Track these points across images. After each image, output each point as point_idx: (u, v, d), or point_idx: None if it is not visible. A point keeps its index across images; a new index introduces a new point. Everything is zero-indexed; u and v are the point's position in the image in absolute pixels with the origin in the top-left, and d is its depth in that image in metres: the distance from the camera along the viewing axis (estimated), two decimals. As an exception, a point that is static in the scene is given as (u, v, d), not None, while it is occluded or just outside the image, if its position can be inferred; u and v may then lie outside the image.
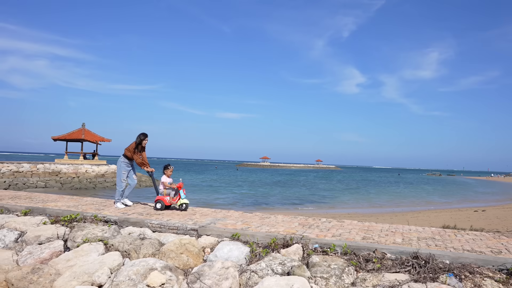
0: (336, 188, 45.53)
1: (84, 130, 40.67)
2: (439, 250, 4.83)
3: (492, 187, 65.25)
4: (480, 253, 4.78)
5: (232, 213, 7.37)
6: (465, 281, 4.20)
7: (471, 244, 5.25)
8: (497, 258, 4.57)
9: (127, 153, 7.58)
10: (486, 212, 23.25)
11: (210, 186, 40.49)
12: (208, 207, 8.18)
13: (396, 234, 5.73)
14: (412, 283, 4.07)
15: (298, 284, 4.07)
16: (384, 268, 4.55)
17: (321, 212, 22.49)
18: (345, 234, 5.58)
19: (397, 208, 26.70)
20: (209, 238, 5.61)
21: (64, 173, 35.60)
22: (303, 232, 5.61)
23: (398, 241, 5.27)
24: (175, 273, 4.61)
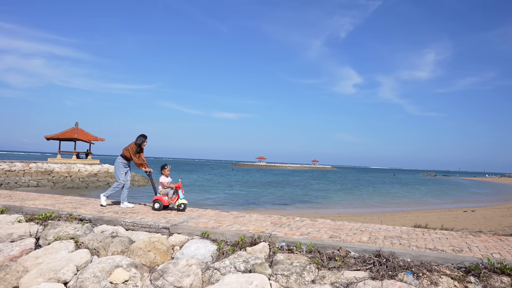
0: (329, 189, 45.64)
1: (77, 129, 40.60)
2: (401, 249, 4.92)
3: (486, 187, 65.59)
4: (442, 251, 4.87)
5: (208, 212, 7.44)
6: (422, 279, 4.29)
7: (435, 242, 5.34)
8: (456, 256, 4.66)
9: (126, 153, 7.59)
10: (475, 212, 23.41)
11: (202, 186, 40.51)
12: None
13: (364, 233, 5.81)
14: (369, 280, 4.15)
15: (258, 281, 4.14)
16: (346, 266, 4.63)
17: (311, 212, 22.57)
18: (314, 233, 5.66)
19: (388, 208, 26.83)
20: (180, 236, 5.68)
21: (57, 172, 35.55)
22: (273, 231, 5.69)
23: (364, 239, 5.36)
24: (140, 270, 4.67)
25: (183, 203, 7.26)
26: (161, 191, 7.37)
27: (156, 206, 7.25)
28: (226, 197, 28.65)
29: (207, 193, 30.94)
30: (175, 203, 7.30)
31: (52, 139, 39.80)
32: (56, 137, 39.54)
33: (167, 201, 7.27)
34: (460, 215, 20.80)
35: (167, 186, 7.36)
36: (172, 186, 7.36)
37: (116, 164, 7.68)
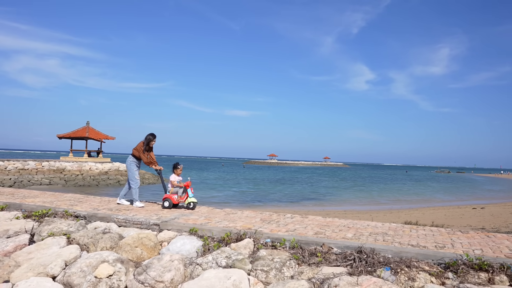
0: (339, 186, 45.46)
1: (89, 128, 41.24)
2: (383, 245, 4.96)
3: (500, 184, 64.47)
4: (424, 247, 4.89)
5: (201, 209, 7.56)
6: (400, 274, 4.32)
7: (420, 239, 5.36)
8: (437, 252, 4.68)
9: (135, 152, 7.67)
10: (485, 209, 23.11)
11: (211, 183, 40.77)
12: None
13: (351, 229, 5.85)
14: (345, 276, 4.20)
15: (236, 277, 4.23)
16: (326, 262, 4.68)
17: (317, 209, 22.58)
18: (300, 230, 5.73)
19: (396, 205, 26.64)
20: (169, 232, 5.80)
21: (68, 171, 36.22)
22: (260, 227, 5.77)
23: (348, 236, 5.40)
24: (126, 265, 4.80)
25: (193, 202, 7.25)
26: (171, 189, 7.42)
27: (165, 204, 7.30)
28: (233, 194, 28.81)
29: (214, 191, 31.16)
30: (185, 202, 7.31)
31: (64, 138, 40.59)
32: (68, 136, 40.27)
33: (176, 200, 7.31)
34: (467, 212, 20.55)
35: (176, 185, 7.40)
36: (181, 185, 7.39)
37: (128, 163, 7.76)
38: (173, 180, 7.43)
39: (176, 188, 7.42)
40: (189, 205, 7.26)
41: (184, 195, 7.35)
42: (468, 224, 13.51)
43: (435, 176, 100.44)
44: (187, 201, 7.27)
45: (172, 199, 7.27)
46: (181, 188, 7.40)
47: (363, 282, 4.02)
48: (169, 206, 7.27)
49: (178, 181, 7.45)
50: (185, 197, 7.31)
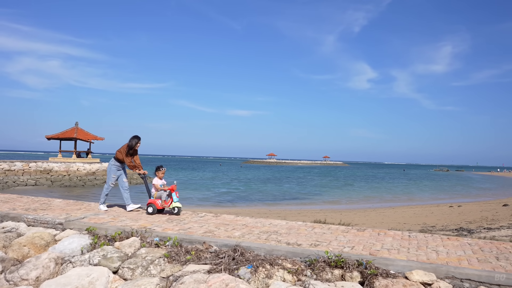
0: (328, 185, 45.52)
1: (77, 129, 41.44)
2: (259, 243, 5.06)
3: (494, 182, 64.38)
4: (297, 246, 4.98)
5: (115, 208, 7.66)
6: (260, 272, 4.42)
7: (304, 237, 5.45)
8: (304, 250, 4.77)
9: (119, 155, 7.42)
10: (461, 207, 23.17)
11: (198, 184, 40.87)
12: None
13: (245, 228, 5.95)
14: (199, 273, 4.30)
15: (96, 274, 4.34)
16: (198, 260, 4.78)
17: (293, 208, 22.67)
18: (195, 228, 5.83)
19: (377, 204, 26.69)
20: (70, 231, 5.92)
21: (56, 171, 36.45)
22: (155, 226, 5.88)
23: (235, 234, 5.50)
24: (7, 264, 4.92)
25: (177, 207, 6.95)
26: (155, 194, 7.14)
27: (149, 210, 7.01)
28: (213, 195, 28.81)
29: (197, 191, 31.26)
30: (169, 206, 7.02)
31: (52, 139, 40.81)
32: (56, 137, 40.48)
33: (160, 205, 7.02)
34: (439, 210, 20.59)
35: (160, 188, 7.12)
36: (165, 188, 7.11)
37: (109, 167, 7.55)
38: (156, 183, 7.17)
39: (160, 192, 7.12)
40: (174, 210, 6.96)
41: (168, 200, 7.05)
42: (418, 223, 13.58)
43: (433, 174, 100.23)
44: (171, 205, 6.98)
45: (156, 204, 7.00)
46: (166, 192, 7.10)
47: (210, 280, 4.12)
48: (153, 211, 6.98)
49: (161, 184, 7.18)
50: (170, 201, 7.01)
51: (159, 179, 7.24)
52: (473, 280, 4.02)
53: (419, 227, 12.16)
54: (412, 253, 4.69)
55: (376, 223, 13.75)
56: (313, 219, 15.48)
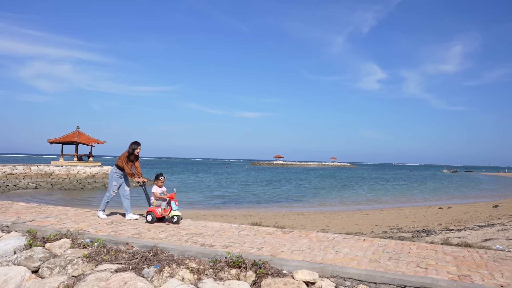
0: (327, 187, 45.58)
1: (79, 132, 42.27)
2: (173, 244, 5.38)
3: (499, 183, 63.64)
4: (211, 247, 5.29)
5: (71, 211, 8.04)
6: (164, 271, 4.73)
7: (225, 239, 5.75)
8: (212, 251, 5.08)
9: (119, 163, 7.30)
10: (451, 209, 23.15)
11: (195, 186, 41.23)
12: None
13: (176, 229, 6.29)
14: (104, 272, 4.63)
15: (13, 273, 4.70)
16: (115, 260, 5.11)
17: (282, 210, 22.91)
18: (127, 230, 6.17)
19: (368, 206, 26.73)
20: (14, 233, 6.30)
21: (56, 175, 37.24)
22: (91, 228, 6.24)
23: (161, 236, 5.83)
24: None
25: (176, 215, 6.81)
26: (154, 202, 7.05)
27: (148, 218, 6.88)
28: (203, 199, 29.08)
29: (189, 195, 31.54)
30: (169, 215, 6.90)
31: (54, 143, 41.71)
32: (58, 141, 41.35)
33: (160, 213, 6.89)
34: (425, 212, 20.64)
35: (159, 197, 7.02)
36: (164, 197, 7.02)
37: (110, 175, 7.43)
38: (155, 192, 7.08)
39: (159, 200, 7.03)
40: (173, 218, 6.83)
41: (168, 208, 6.93)
42: (389, 225, 13.72)
43: (440, 175, 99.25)
44: (171, 214, 6.86)
45: (155, 212, 6.86)
46: (165, 201, 7.00)
47: (112, 278, 4.45)
48: (152, 220, 6.84)
49: (160, 192, 7.08)
50: (169, 210, 6.90)
51: (158, 187, 7.15)
52: (354, 278, 4.28)
53: (384, 229, 12.33)
54: (314, 254, 4.95)
55: (349, 225, 13.94)
56: (293, 221, 15.75)
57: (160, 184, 7.19)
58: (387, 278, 4.15)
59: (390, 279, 4.14)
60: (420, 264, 4.54)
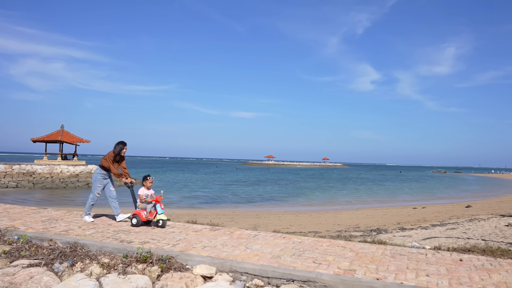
0: (311, 187, 45.93)
1: (63, 131, 42.14)
2: (93, 240, 5.54)
3: (481, 184, 64.54)
4: (129, 243, 5.47)
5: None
6: (76, 266, 4.90)
7: (150, 236, 5.93)
8: (126, 247, 5.25)
9: (104, 163, 7.05)
10: (425, 209, 23.54)
11: (178, 186, 41.30)
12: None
13: (110, 226, 6.46)
14: (12, 267, 4.78)
15: None
16: (34, 255, 5.28)
17: (257, 210, 23.13)
18: (58, 227, 6.33)
19: (344, 206, 27.05)
20: None
21: (39, 174, 37.13)
22: (23, 226, 6.39)
23: (87, 233, 5.99)
24: None
25: (162, 219, 6.56)
26: (140, 204, 6.80)
27: (133, 222, 6.65)
28: (185, 197, 29.25)
29: (172, 193, 31.71)
30: (154, 219, 6.67)
31: (38, 142, 41.54)
32: (41, 140, 41.18)
33: (145, 217, 6.64)
34: (396, 212, 20.98)
35: (144, 199, 6.73)
36: (149, 200, 6.72)
37: (94, 176, 7.16)
38: (141, 194, 6.78)
39: (144, 203, 6.75)
40: (158, 222, 6.59)
41: (154, 211, 6.68)
42: (350, 224, 13.99)
43: (428, 176, 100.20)
44: (156, 218, 6.61)
45: (140, 215, 6.62)
46: (150, 204, 6.71)
47: (19, 272, 4.61)
48: (137, 223, 6.60)
49: (146, 195, 6.79)
50: (155, 213, 6.66)
51: (146, 189, 6.86)
52: (249, 273, 4.49)
53: (341, 228, 12.60)
54: (223, 250, 5.15)
55: (312, 225, 14.19)
56: (261, 221, 15.96)
57: (149, 185, 6.90)
58: (277, 272, 4.36)
59: (280, 273, 4.35)
60: (317, 260, 4.75)
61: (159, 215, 6.61)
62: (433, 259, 4.90)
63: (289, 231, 11.76)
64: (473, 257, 5.09)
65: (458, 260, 4.89)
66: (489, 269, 4.52)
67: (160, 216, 6.60)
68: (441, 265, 4.64)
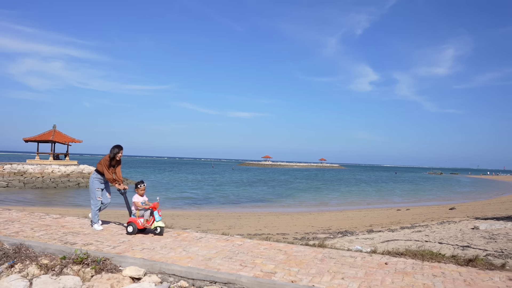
0: (303, 188, 46.13)
1: (55, 131, 42.30)
2: (37, 242, 5.70)
3: (477, 185, 64.74)
4: (72, 245, 5.64)
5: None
6: (16, 267, 5.07)
7: (95, 238, 6.11)
8: (67, 248, 5.41)
9: (99, 167, 6.90)
10: (409, 211, 23.71)
11: (169, 186, 41.48)
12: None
13: (63, 228, 6.62)
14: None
15: None
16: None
17: (240, 211, 23.30)
18: (11, 229, 6.50)
19: (328, 207, 27.22)
20: None
21: (30, 173, 37.30)
22: (-24, 227, 6.56)
23: (37, 235, 6.16)
24: None
25: (159, 226, 6.43)
26: (136, 212, 6.64)
27: (129, 229, 6.47)
28: (171, 198, 29.32)
29: (159, 194, 31.88)
30: (151, 226, 6.51)
31: (30, 141, 41.69)
32: (33, 139, 41.35)
33: (142, 224, 6.49)
34: (378, 214, 21.16)
35: (141, 206, 6.57)
36: (145, 207, 6.56)
37: (91, 180, 6.95)
38: (136, 201, 6.63)
39: (141, 210, 6.59)
40: (156, 230, 6.44)
41: (150, 219, 6.51)
42: (323, 226, 14.17)
43: (423, 177, 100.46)
44: (153, 225, 6.46)
45: (136, 223, 6.47)
46: (147, 211, 6.54)
47: (-45, 273, 4.78)
48: (133, 231, 6.44)
49: (142, 202, 6.64)
50: (152, 220, 6.50)
51: (139, 196, 6.72)
52: (176, 275, 4.67)
53: (311, 229, 12.79)
54: (159, 252, 5.32)
55: (287, 226, 14.37)
56: (240, 222, 16.12)
57: (141, 193, 6.73)
58: (201, 274, 4.54)
59: (204, 275, 4.53)
60: (244, 262, 4.93)
61: (156, 222, 6.46)
62: (359, 263, 5.08)
63: (259, 233, 11.95)
64: (401, 260, 5.27)
65: (384, 264, 5.07)
66: (408, 272, 4.70)
67: (157, 223, 6.45)
68: (364, 268, 4.82)
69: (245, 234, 10.16)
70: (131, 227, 6.48)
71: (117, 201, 7.99)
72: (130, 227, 6.49)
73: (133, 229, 6.46)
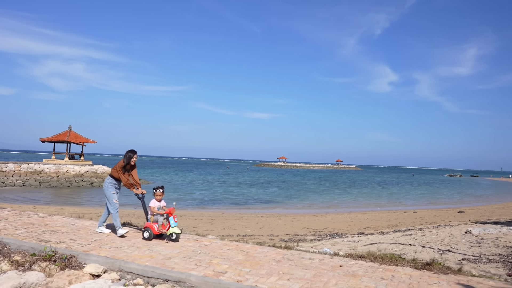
0: (312, 189, 46.01)
1: (70, 132, 43.52)
2: (12, 239, 6.03)
3: (495, 189, 63.07)
4: (46, 242, 5.94)
5: None
6: (-11, 263, 5.39)
7: (71, 235, 6.40)
8: (39, 246, 5.71)
9: (114, 173, 6.84)
10: (415, 214, 23.45)
11: (177, 186, 42.03)
12: None
13: (45, 226, 6.96)
14: None
15: None
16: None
17: (244, 212, 23.50)
18: (-5, 227, 6.87)
19: (335, 209, 27.13)
20: None
21: (45, 173, 38.47)
22: (-36, 224, 6.95)
23: (17, 232, 6.50)
24: None
25: (175, 232, 6.29)
26: (151, 217, 6.60)
27: (145, 235, 6.43)
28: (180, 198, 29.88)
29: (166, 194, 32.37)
30: (167, 232, 6.39)
31: (46, 142, 43.03)
32: (50, 140, 42.64)
33: (157, 230, 6.43)
34: (381, 216, 20.99)
35: (156, 212, 6.51)
36: (161, 212, 6.50)
37: (105, 186, 6.87)
38: (152, 206, 6.59)
39: (156, 215, 6.53)
40: (171, 236, 6.32)
41: (166, 224, 6.43)
42: (319, 228, 14.19)
43: (441, 180, 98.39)
44: (169, 231, 6.34)
45: (152, 228, 6.41)
46: (163, 216, 6.47)
47: None
48: (149, 237, 6.39)
49: (158, 207, 6.59)
50: (168, 226, 6.40)
51: (157, 201, 6.66)
52: (133, 273, 4.89)
53: (304, 231, 12.85)
54: (124, 251, 5.56)
55: (283, 227, 14.47)
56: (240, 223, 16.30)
57: (158, 198, 6.68)
58: (155, 273, 4.75)
59: (157, 273, 4.73)
60: (200, 262, 5.11)
61: (172, 228, 6.33)
62: (314, 265, 5.18)
63: (249, 234, 12.09)
64: (359, 263, 5.35)
65: (338, 266, 5.16)
66: (357, 275, 4.79)
67: (173, 229, 6.31)
68: (315, 270, 4.93)
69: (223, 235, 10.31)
70: (147, 232, 6.44)
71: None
72: (146, 233, 6.45)
73: (149, 234, 6.41)
